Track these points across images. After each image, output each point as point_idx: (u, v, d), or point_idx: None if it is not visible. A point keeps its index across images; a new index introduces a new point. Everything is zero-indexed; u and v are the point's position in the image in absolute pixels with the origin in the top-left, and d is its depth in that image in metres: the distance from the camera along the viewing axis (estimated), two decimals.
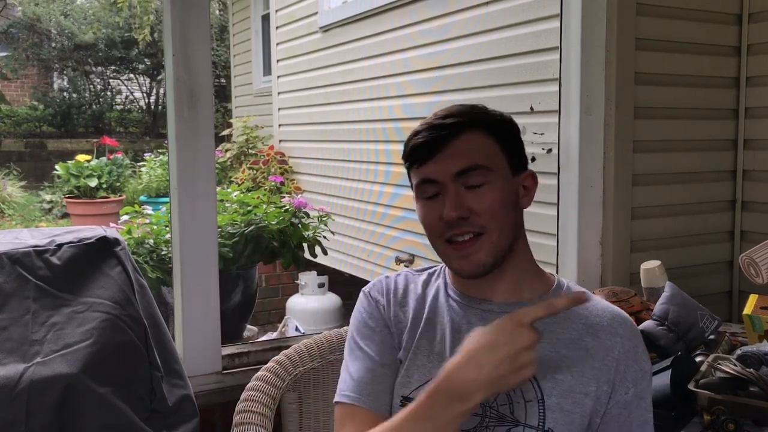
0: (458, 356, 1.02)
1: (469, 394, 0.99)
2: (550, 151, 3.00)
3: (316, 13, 5.63)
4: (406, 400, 1.16)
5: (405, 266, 4.39)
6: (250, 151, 6.55)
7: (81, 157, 7.60)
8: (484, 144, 1.15)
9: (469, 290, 1.21)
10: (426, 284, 1.26)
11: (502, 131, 1.17)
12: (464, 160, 1.12)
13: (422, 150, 1.14)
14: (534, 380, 1.12)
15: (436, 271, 1.29)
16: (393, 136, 4.59)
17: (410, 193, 1.21)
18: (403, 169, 1.21)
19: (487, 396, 1.01)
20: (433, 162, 1.14)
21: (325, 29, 5.50)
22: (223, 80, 10.84)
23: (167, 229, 3.34)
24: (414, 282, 1.27)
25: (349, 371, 1.21)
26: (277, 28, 6.45)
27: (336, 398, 1.20)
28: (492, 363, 0.99)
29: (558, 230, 2.32)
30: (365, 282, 4.62)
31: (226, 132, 7.08)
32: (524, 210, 1.21)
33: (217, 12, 11.14)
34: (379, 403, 1.17)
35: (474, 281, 1.18)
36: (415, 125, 1.19)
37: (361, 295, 1.28)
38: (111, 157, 7.85)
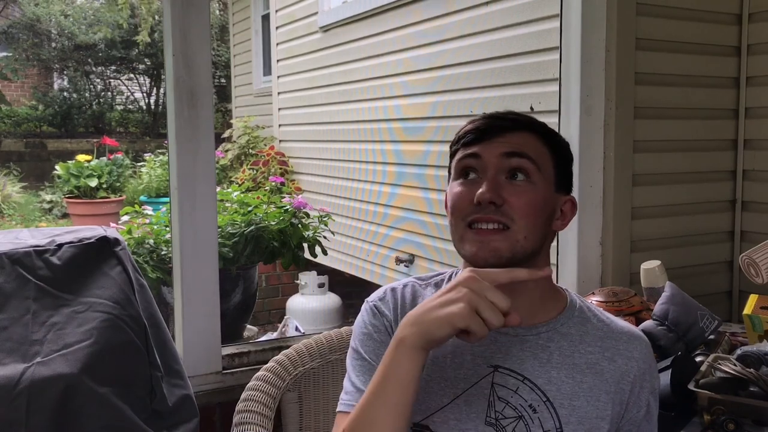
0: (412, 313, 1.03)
1: (401, 328, 1.01)
2: None
3: (316, 13, 5.63)
4: (418, 426, 1.12)
5: (405, 266, 4.39)
6: (250, 151, 6.55)
7: (81, 157, 7.60)
8: (538, 147, 1.13)
9: None
10: None
11: (557, 145, 1.16)
12: (516, 145, 1.10)
13: (476, 132, 1.12)
14: (552, 409, 1.10)
15: (443, 280, 1.22)
16: (393, 136, 4.60)
17: (408, 192, 1.20)
18: (405, 170, 1.20)
19: (416, 331, 0.99)
20: (483, 143, 1.12)
21: (325, 29, 5.51)
22: (223, 80, 10.85)
23: (167, 229, 3.34)
24: (422, 295, 1.20)
25: (352, 380, 1.16)
26: (277, 28, 6.45)
27: (339, 408, 1.16)
28: (427, 303, 1.00)
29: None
30: (366, 282, 4.62)
31: (226, 133, 7.09)
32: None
33: (217, 12, 11.15)
34: None
35: None
36: (418, 124, 1.18)
37: (365, 306, 1.21)
38: (111, 157, 7.86)
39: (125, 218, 3.64)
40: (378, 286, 1.27)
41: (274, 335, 4.08)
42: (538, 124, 1.16)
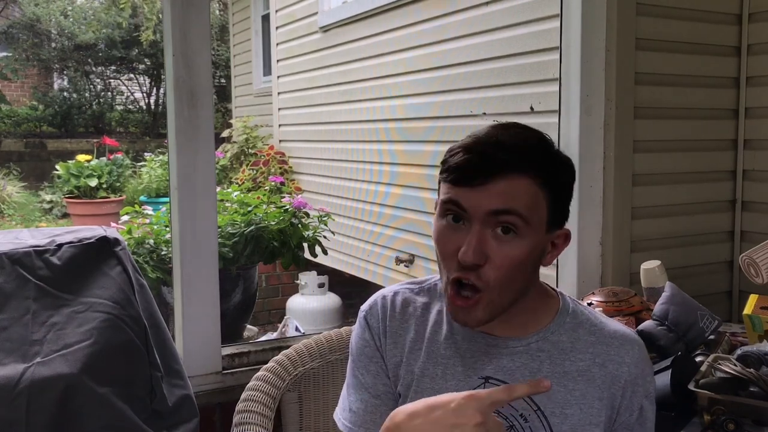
0: (407, 409, 0.99)
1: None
2: None
3: (316, 13, 5.63)
4: None
5: (405, 266, 4.39)
6: (250, 151, 6.55)
7: (81, 157, 7.61)
8: (531, 193, 1.04)
9: None
10: (426, 306, 1.20)
11: (554, 181, 1.07)
12: (503, 201, 1.03)
13: (462, 173, 1.04)
14: (543, 418, 1.10)
15: (435, 286, 1.22)
16: (393, 136, 4.60)
17: (410, 192, 1.20)
18: (405, 170, 1.19)
19: None
20: (471, 189, 1.03)
21: (325, 29, 5.51)
22: (223, 80, 10.84)
23: (167, 229, 3.34)
24: (413, 302, 1.21)
25: (349, 399, 1.21)
26: (277, 28, 6.45)
27: (338, 423, 1.22)
28: (425, 428, 0.95)
29: None
30: (366, 282, 4.60)
31: (226, 132, 7.09)
32: None
33: (217, 12, 11.14)
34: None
35: None
36: (418, 125, 1.16)
37: (359, 316, 1.23)
38: (111, 157, 7.86)
39: (125, 218, 3.64)
40: (378, 286, 1.28)
41: (274, 335, 4.08)
42: (534, 157, 1.06)
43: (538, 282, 1.16)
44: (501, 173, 1.03)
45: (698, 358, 1.72)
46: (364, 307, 1.23)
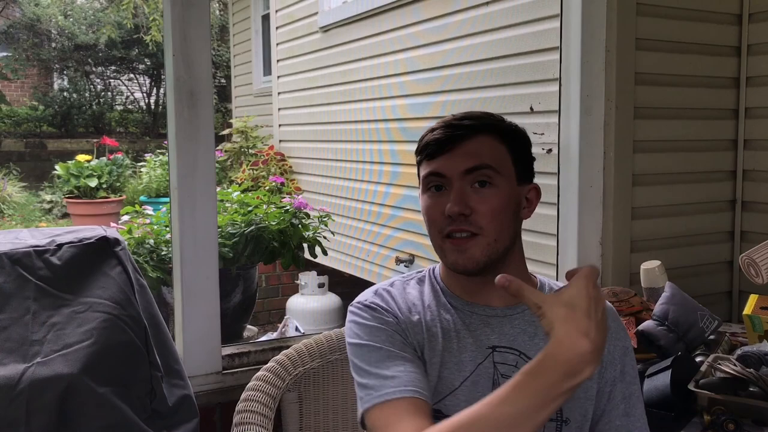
0: (557, 331, 0.95)
1: (582, 365, 0.93)
2: (550, 151, 3.00)
3: (316, 13, 5.64)
4: (435, 413, 1.12)
5: (405, 266, 4.39)
6: (250, 151, 6.55)
7: (81, 157, 7.61)
8: (496, 148, 1.19)
9: (468, 296, 1.23)
10: (421, 293, 1.26)
11: (513, 140, 1.22)
12: (474, 159, 1.17)
13: (435, 145, 1.19)
14: None
15: (424, 276, 1.29)
16: (392, 136, 4.60)
17: (408, 192, 1.22)
18: (405, 170, 1.22)
19: (596, 365, 0.94)
20: (444, 158, 1.18)
21: (325, 29, 5.51)
22: (223, 80, 10.84)
23: (167, 229, 3.34)
24: (409, 291, 1.25)
25: (377, 372, 1.11)
26: (277, 28, 6.46)
27: (371, 403, 1.09)
28: (594, 328, 0.95)
29: (558, 230, 2.32)
30: (366, 282, 4.60)
31: (226, 132, 7.09)
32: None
33: (217, 12, 11.14)
34: (428, 392, 1.12)
35: (471, 287, 1.22)
36: (418, 124, 1.20)
37: (357, 307, 1.23)
38: (111, 157, 7.86)
39: (125, 218, 3.64)
40: None
41: (274, 335, 4.09)
42: (493, 124, 1.22)
43: (522, 250, 1.25)
44: (467, 137, 1.18)
45: (698, 358, 1.73)
46: (362, 299, 1.24)
